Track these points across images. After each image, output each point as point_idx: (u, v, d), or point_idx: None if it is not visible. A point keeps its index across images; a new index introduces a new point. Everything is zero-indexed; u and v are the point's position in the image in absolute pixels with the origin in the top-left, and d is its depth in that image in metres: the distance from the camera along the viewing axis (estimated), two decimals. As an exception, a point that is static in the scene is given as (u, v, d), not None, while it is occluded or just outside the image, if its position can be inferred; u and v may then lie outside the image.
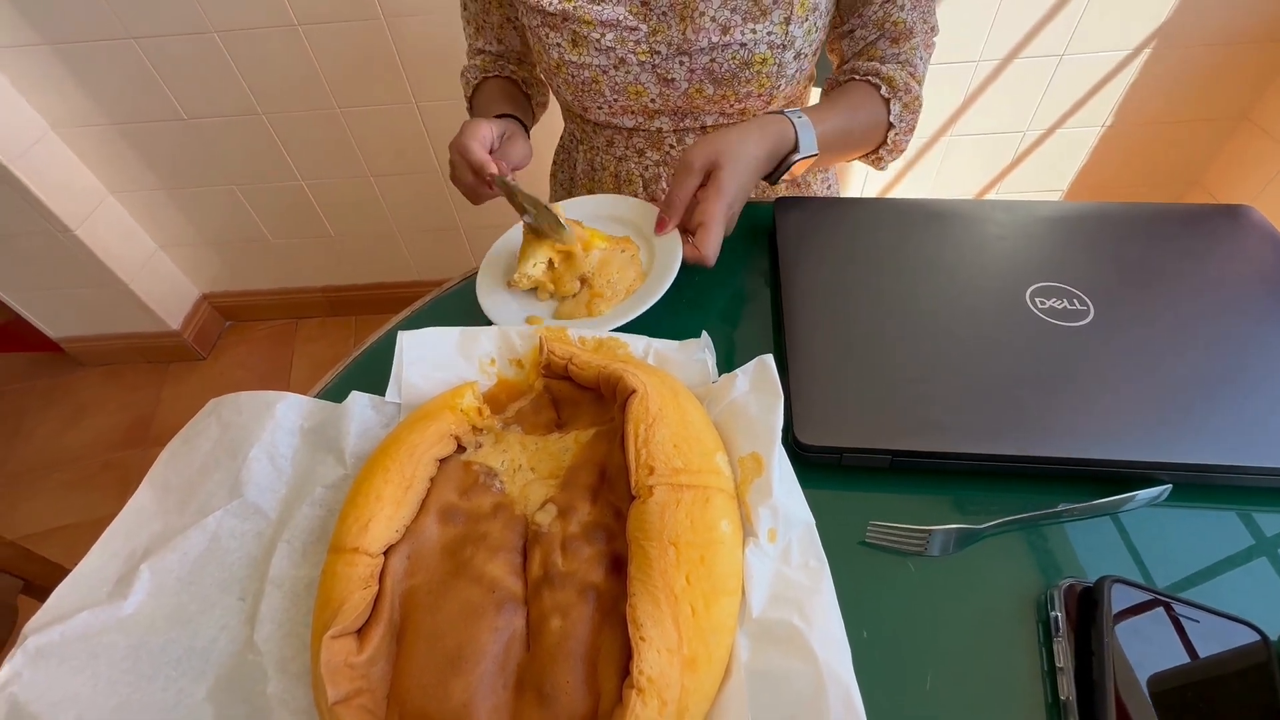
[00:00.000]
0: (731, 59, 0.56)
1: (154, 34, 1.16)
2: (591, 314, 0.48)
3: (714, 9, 0.53)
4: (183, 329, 1.62)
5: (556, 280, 0.51)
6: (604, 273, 0.50)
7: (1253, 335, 0.41)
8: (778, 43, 0.55)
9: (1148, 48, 1.23)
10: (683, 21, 0.54)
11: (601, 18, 0.54)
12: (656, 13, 0.54)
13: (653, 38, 0.55)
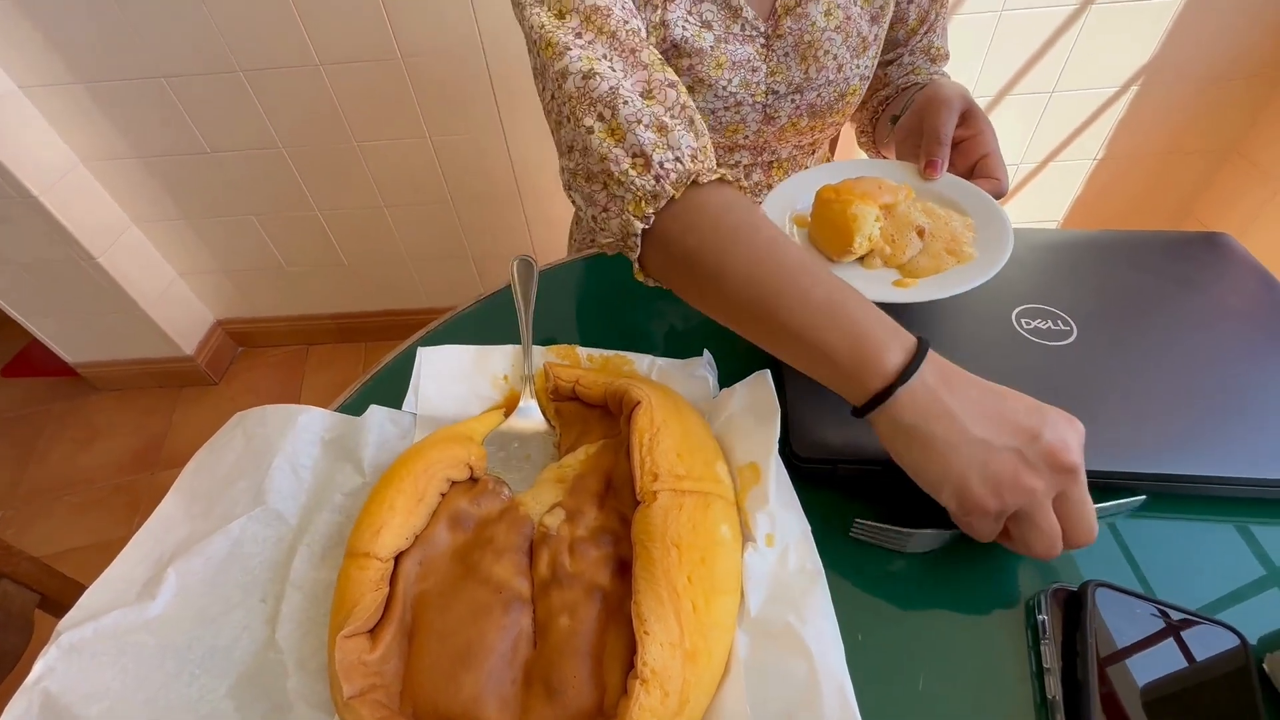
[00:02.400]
0: (833, 92, 0.59)
1: (183, 73, 1.22)
2: (960, 258, 0.44)
3: (835, 47, 0.56)
4: (196, 354, 1.66)
5: (891, 240, 0.46)
6: (937, 219, 0.46)
7: (1226, 354, 0.43)
8: (866, 74, 0.60)
9: (1135, 84, 1.28)
10: (804, 61, 0.57)
11: (734, 58, 0.55)
12: (778, 54, 0.56)
13: (771, 78, 0.58)
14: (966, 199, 0.48)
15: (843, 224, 0.44)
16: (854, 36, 0.56)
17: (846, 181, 0.46)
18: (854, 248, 0.44)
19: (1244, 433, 0.39)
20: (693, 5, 0.54)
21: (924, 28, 0.63)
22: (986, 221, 0.46)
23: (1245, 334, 0.45)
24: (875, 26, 0.57)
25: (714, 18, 0.54)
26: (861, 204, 0.44)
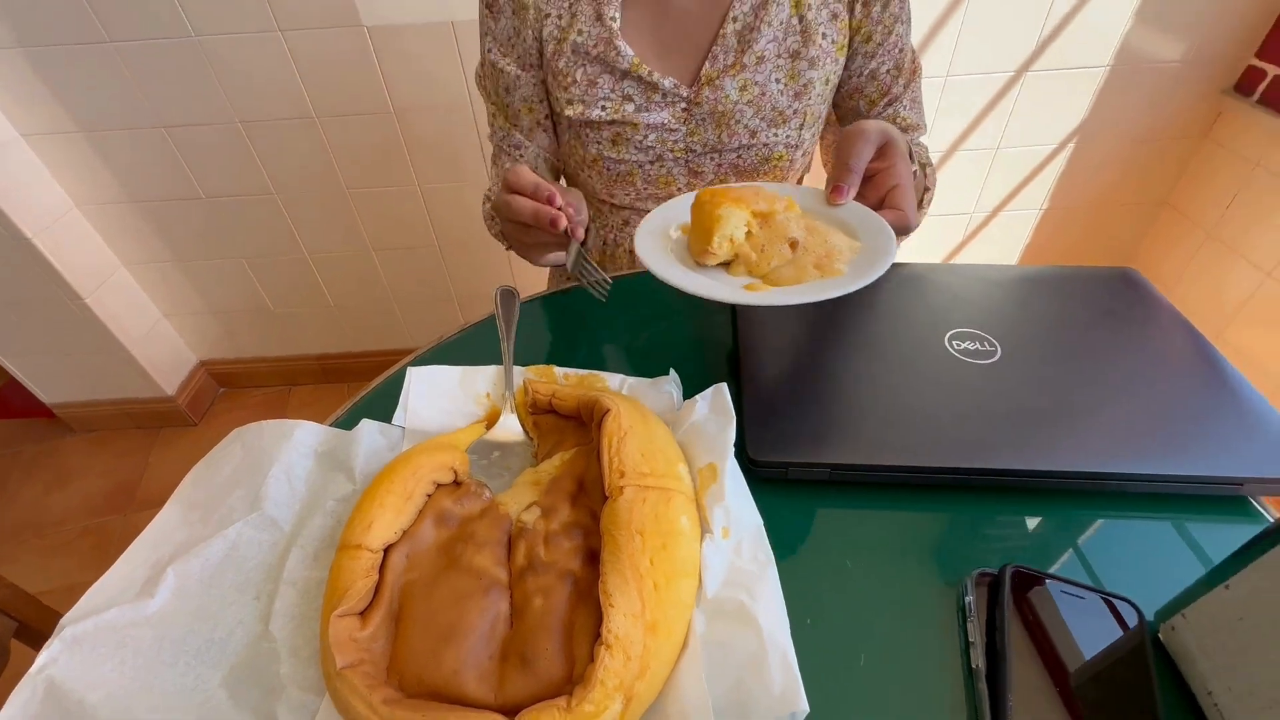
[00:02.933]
0: (755, 156, 0.66)
1: (184, 123, 1.29)
2: (827, 273, 0.44)
3: (747, 118, 0.63)
4: (177, 395, 1.66)
5: (759, 248, 0.46)
6: (816, 235, 0.46)
7: (1128, 368, 0.49)
8: (792, 143, 0.66)
9: (1070, 142, 1.40)
10: (719, 127, 0.64)
11: (648, 122, 0.63)
12: (696, 118, 0.64)
13: (690, 138, 0.65)
14: (863, 225, 0.48)
15: (707, 224, 0.45)
16: (768, 110, 0.63)
17: (726, 187, 0.48)
18: (712, 247, 0.45)
19: (1140, 437, 0.44)
20: (615, 85, 0.62)
21: (885, 101, 0.68)
22: (873, 248, 0.46)
23: (1143, 350, 0.50)
24: (799, 102, 0.63)
25: (635, 92, 0.62)
26: (731, 207, 0.45)
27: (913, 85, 0.69)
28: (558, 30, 0.62)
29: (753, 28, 0.61)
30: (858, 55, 0.66)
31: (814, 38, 0.62)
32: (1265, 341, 1.33)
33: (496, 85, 0.68)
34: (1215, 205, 1.41)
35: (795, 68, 0.62)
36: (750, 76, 0.62)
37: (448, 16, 1.17)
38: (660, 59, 0.62)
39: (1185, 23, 1.24)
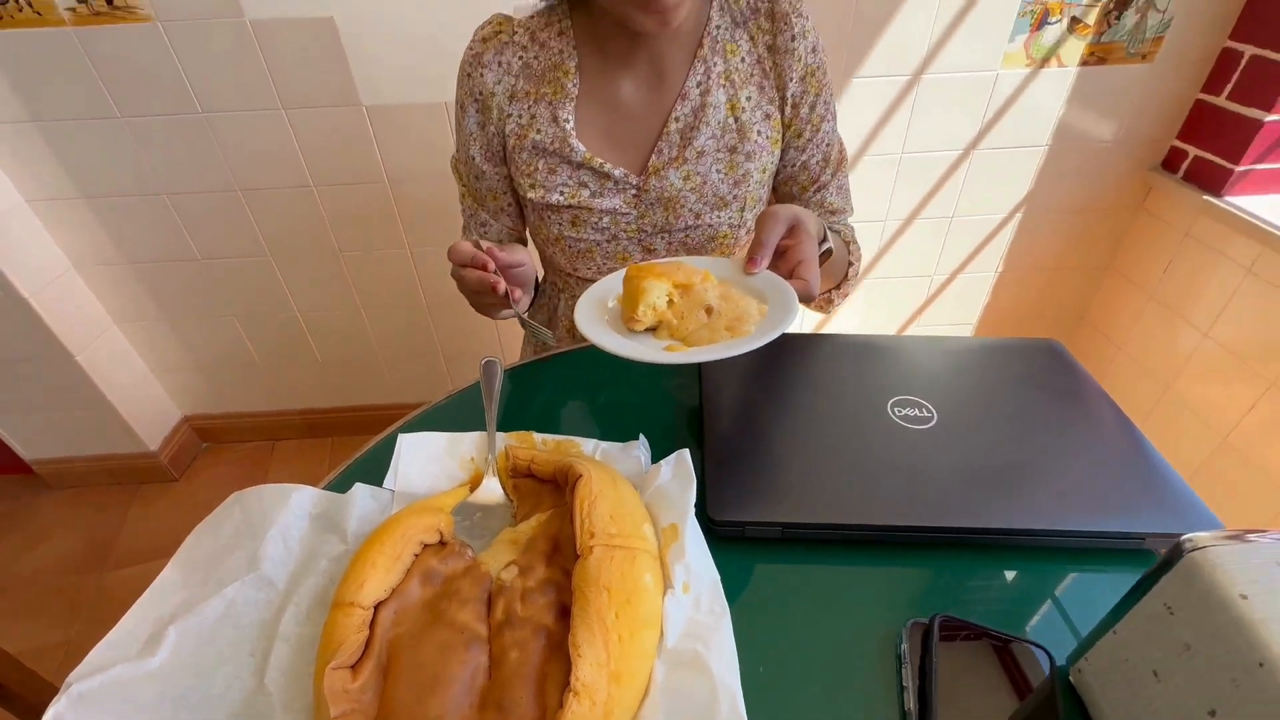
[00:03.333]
0: (701, 235, 0.74)
1: (185, 191, 1.35)
2: (737, 334, 0.50)
3: (691, 203, 0.71)
4: (160, 450, 1.67)
5: (680, 315, 0.52)
6: (730, 301, 0.53)
7: (1049, 433, 0.55)
8: (735, 224, 0.74)
9: (1018, 212, 1.51)
10: (666, 210, 0.71)
11: (602, 207, 0.71)
12: (646, 203, 0.71)
13: (641, 220, 0.72)
14: (772, 292, 0.55)
15: (634, 295, 0.52)
16: (710, 196, 0.70)
17: (653, 263, 0.55)
18: (637, 314, 0.52)
19: (1059, 496, 0.49)
20: (572, 174, 0.69)
21: (815, 188, 0.77)
22: (777, 311, 0.52)
23: (1064, 419, 0.57)
24: (738, 189, 0.71)
25: (589, 180, 0.70)
26: (653, 280, 0.52)
27: (839, 173, 0.77)
28: (518, 128, 0.69)
29: (693, 127, 0.69)
30: (790, 149, 0.74)
31: (749, 134, 0.70)
32: (1209, 394, 1.41)
33: (468, 172, 0.76)
34: (1154, 271, 1.52)
35: (733, 160, 0.70)
36: (692, 168, 0.69)
37: (442, 98, 1.26)
38: (611, 151, 0.70)
39: (1113, 108, 1.38)
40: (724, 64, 0.69)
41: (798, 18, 0.68)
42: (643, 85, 0.69)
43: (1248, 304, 1.31)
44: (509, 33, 0.69)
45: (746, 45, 0.69)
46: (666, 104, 0.69)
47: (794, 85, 0.70)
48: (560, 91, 0.68)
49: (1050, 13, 1.24)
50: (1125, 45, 1.29)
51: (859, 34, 1.25)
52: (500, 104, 0.69)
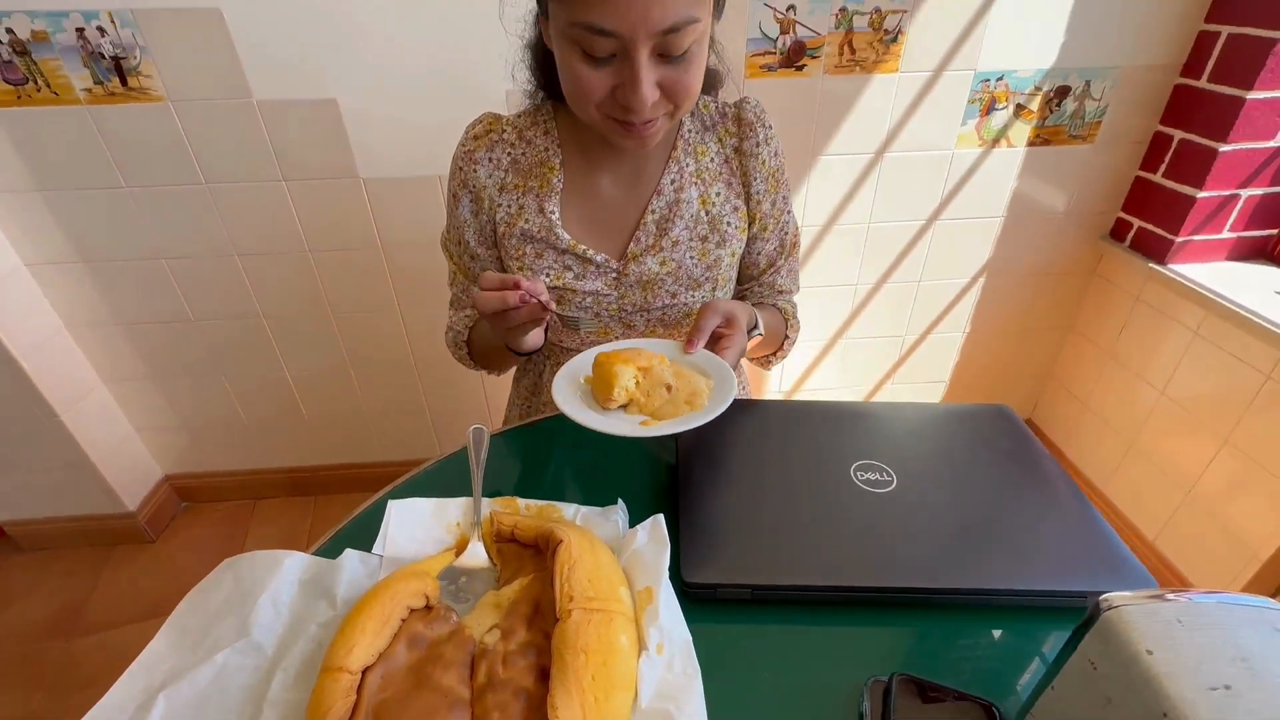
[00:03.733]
0: (677, 313, 0.79)
1: (184, 255, 1.40)
2: (696, 408, 0.59)
3: (668, 285, 0.77)
4: (138, 510, 1.65)
5: (646, 393, 0.60)
6: (683, 379, 0.61)
7: (1000, 496, 0.59)
8: (707, 301, 0.79)
9: (980, 277, 1.60)
10: (645, 291, 0.77)
11: (585, 289, 0.76)
12: (626, 285, 0.77)
13: (621, 300, 0.78)
14: (712, 368, 0.64)
15: (607, 379, 0.59)
16: (685, 279, 0.77)
17: (617, 350, 0.62)
18: (614, 396, 0.59)
19: (1009, 558, 0.53)
20: (557, 258, 0.75)
21: (771, 270, 0.85)
22: (721, 384, 0.62)
23: (1014, 482, 0.61)
24: (711, 272, 0.77)
25: (573, 264, 0.76)
26: (622, 365, 0.59)
27: (791, 257, 0.86)
28: (508, 217, 0.76)
29: (668, 219, 0.76)
30: (753, 238, 0.81)
31: (719, 225, 0.77)
32: (1170, 450, 1.47)
33: (460, 252, 0.81)
34: (1110, 332, 1.60)
35: (705, 247, 0.77)
36: (668, 254, 0.76)
37: (434, 172, 1.34)
38: (593, 239, 0.76)
39: (1061, 183, 1.49)
40: (695, 164, 0.76)
41: (761, 126, 0.76)
42: (622, 181, 0.76)
43: (1198, 364, 1.39)
44: (499, 131, 0.75)
45: (715, 147, 0.77)
46: (643, 198, 0.76)
47: (758, 184, 0.77)
48: (546, 186, 0.74)
49: (997, 100, 1.36)
50: (1067, 129, 1.42)
51: (825, 116, 1.35)
52: (491, 195, 0.75)
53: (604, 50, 0.58)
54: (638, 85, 0.58)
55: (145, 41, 1.16)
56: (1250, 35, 1.22)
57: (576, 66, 0.60)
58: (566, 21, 0.57)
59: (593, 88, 0.60)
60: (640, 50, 0.57)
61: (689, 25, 0.57)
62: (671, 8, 0.55)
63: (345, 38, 1.18)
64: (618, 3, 0.54)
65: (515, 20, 0.73)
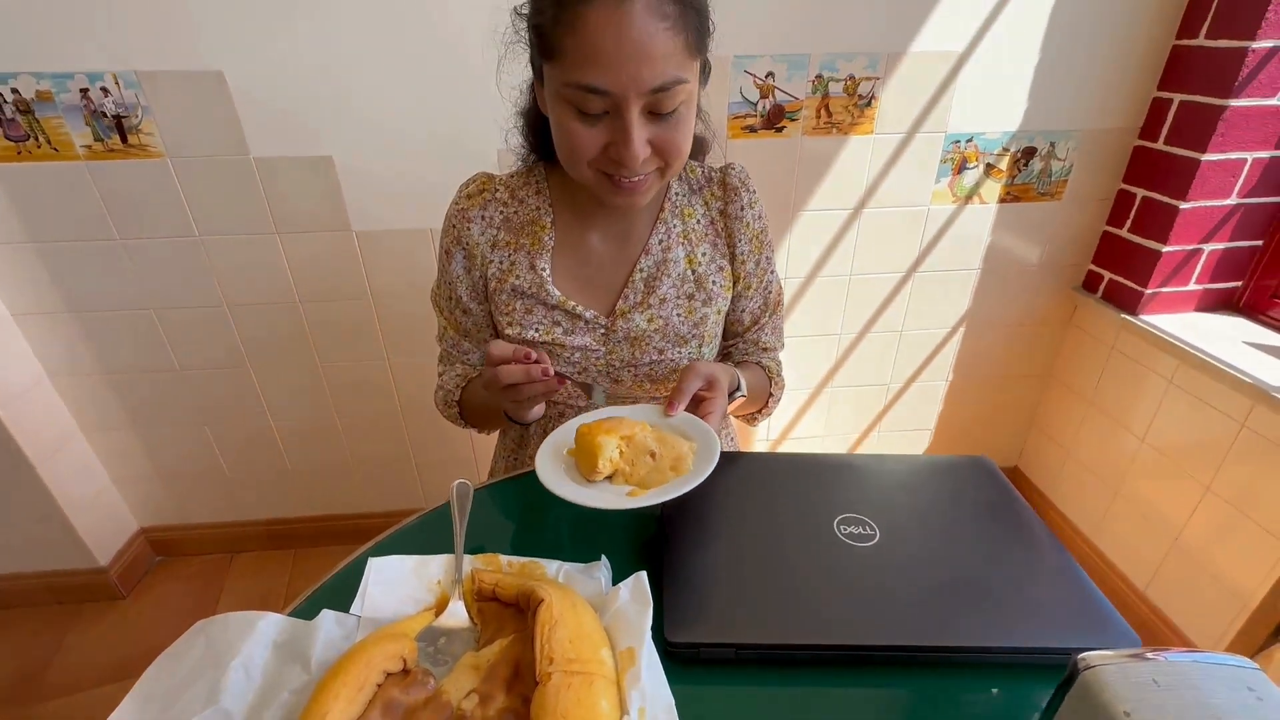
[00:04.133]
0: (664, 369, 0.81)
1: (173, 305, 1.40)
2: (681, 473, 0.59)
3: (655, 341, 0.78)
4: (110, 565, 1.60)
5: (630, 462, 0.60)
6: (666, 444, 0.61)
7: (982, 551, 0.59)
8: (694, 357, 0.81)
9: (960, 326, 1.64)
10: (632, 347, 0.79)
11: (573, 344, 0.78)
12: (614, 341, 0.78)
13: (609, 356, 0.79)
14: (694, 431, 0.64)
15: (591, 451, 0.59)
16: (672, 336, 0.79)
17: (599, 420, 0.62)
18: (600, 468, 0.59)
19: (993, 614, 0.53)
20: (546, 314, 0.77)
21: (755, 328, 0.87)
22: (705, 447, 0.61)
23: (995, 536, 0.61)
24: (697, 330, 0.79)
25: (562, 319, 0.77)
26: (605, 435, 0.59)
27: (775, 315, 0.88)
28: (499, 273, 0.78)
29: (655, 277, 0.78)
30: (737, 296, 0.84)
31: (705, 284, 0.79)
32: (1154, 498, 1.48)
33: (451, 307, 0.82)
34: (1089, 381, 1.63)
35: (691, 305, 0.79)
36: (656, 311, 0.78)
37: (426, 225, 1.37)
38: (582, 295, 0.78)
39: (1033, 237, 1.55)
40: (682, 225, 0.79)
41: (745, 190, 0.80)
42: (611, 240, 0.78)
43: (1175, 412, 1.42)
44: (491, 190, 0.78)
45: (701, 209, 0.80)
46: (632, 257, 0.78)
47: (742, 244, 0.80)
48: (538, 243, 0.77)
49: (968, 159, 1.43)
50: (1035, 186, 1.48)
51: (805, 174, 1.41)
52: (484, 251, 0.78)
53: (597, 108, 0.61)
54: (630, 140, 0.61)
55: (148, 101, 1.19)
56: (1200, 102, 1.30)
57: (571, 125, 0.63)
58: (561, 82, 0.61)
59: (586, 145, 0.63)
60: (631, 108, 0.60)
61: (677, 85, 0.60)
62: (660, 68, 0.59)
63: (343, 98, 1.23)
64: (610, 64, 0.58)
65: (510, 87, 0.77)
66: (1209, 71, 1.28)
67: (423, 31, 1.19)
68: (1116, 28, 1.32)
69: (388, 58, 1.20)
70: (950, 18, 1.28)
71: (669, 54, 0.58)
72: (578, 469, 0.62)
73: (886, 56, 1.30)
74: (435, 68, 1.22)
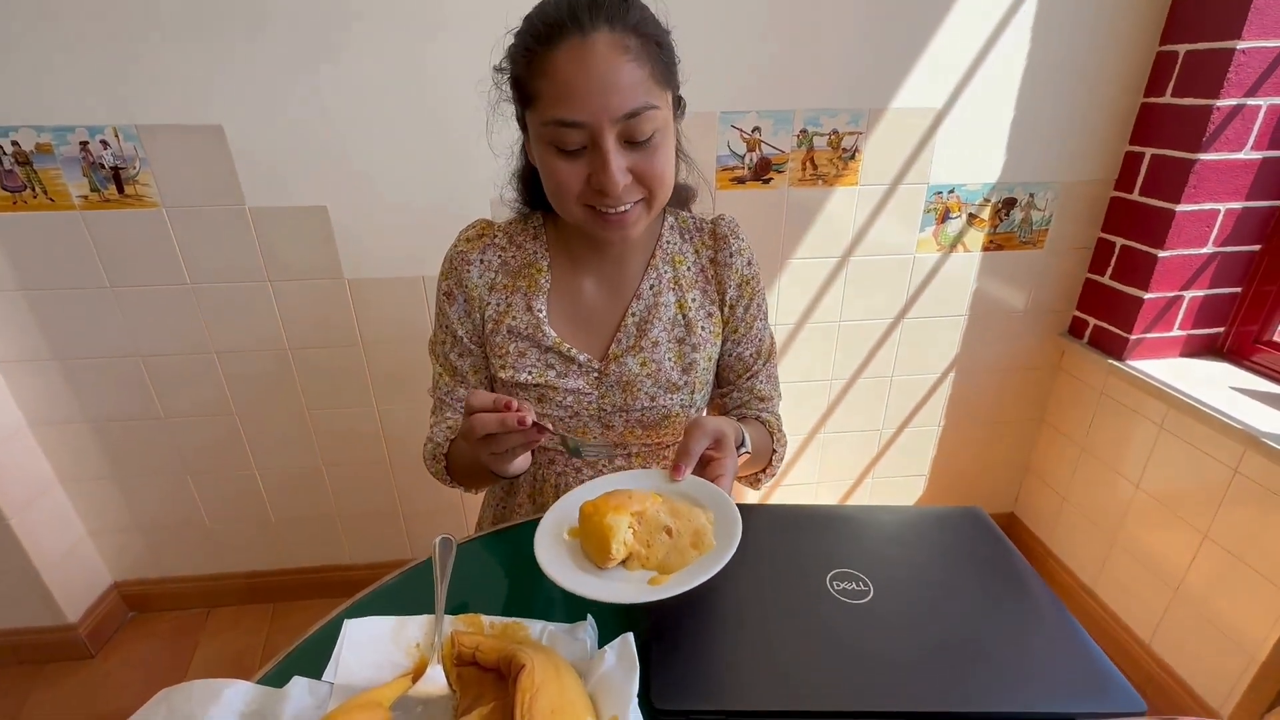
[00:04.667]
0: (656, 415, 0.80)
1: (160, 353, 1.39)
2: (703, 550, 0.53)
3: (647, 386, 0.78)
4: (79, 623, 1.53)
5: (646, 543, 0.54)
6: (681, 516, 0.55)
7: (981, 608, 0.58)
8: (686, 405, 0.81)
9: (951, 372, 1.65)
10: (624, 392, 0.78)
11: (566, 387, 0.77)
12: (606, 385, 0.78)
13: (601, 400, 0.79)
14: (706, 497, 0.59)
15: (601, 534, 0.52)
16: (663, 381, 0.79)
17: (603, 496, 0.56)
18: (613, 554, 0.52)
19: (991, 677, 0.51)
20: (540, 357, 0.77)
21: (748, 375, 0.87)
22: (723, 515, 0.56)
23: (991, 592, 0.60)
24: (688, 375, 0.80)
25: (556, 362, 0.77)
26: (614, 515, 0.53)
27: (769, 364, 0.88)
28: (496, 314, 0.78)
29: (648, 320, 0.79)
30: (728, 342, 0.84)
31: (695, 329, 0.80)
32: (1152, 546, 1.46)
33: (448, 350, 0.82)
34: (1080, 426, 1.64)
35: (681, 350, 0.80)
36: (648, 355, 0.78)
37: (419, 273, 1.38)
38: (576, 338, 0.79)
39: (1018, 284, 1.57)
40: (673, 271, 0.81)
41: (735, 239, 0.81)
42: (604, 285, 0.80)
43: (1167, 458, 1.41)
44: (490, 235, 0.79)
45: (692, 256, 0.82)
46: (624, 301, 0.80)
47: (732, 291, 0.81)
48: (534, 286, 0.78)
49: (950, 210, 1.47)
50: (1017, 235, 1.52)
51: (792, 224, 1.44)
52: (481, 294, 0.78)
53: (575, 142, 0.63)
54: (608, 166, 0.63)
55: (146, 153, 1.22)
56: (1171, 156, 1.34)
57: (553, 163, 0.65)
58: (540, 123, 0.64)
59: (570, 180, 0.66)
60: (606, 136, 0.62)
61: (647, 111, 0.63)
62: (629, 95, 0.61)
63: (339, 151, 1.26)
64: (580, 96, 0.61)
65: (501, 146, 0.79)
66: (1177, 127, 1.33)
67: (416, 89, 1.23)
68: (1086, 86, 1.38)
69: (383, 112, 1.24)
70: (928, 76, 1.34)
71: (635, 83, 0.62)
72: (584, 552, 0.56)
73: (868, 112, 1.35)
74: (428, 123, 1.26)
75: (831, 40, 1.28)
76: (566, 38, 0.60)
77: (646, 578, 0.53)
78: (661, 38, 0.66)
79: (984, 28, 1.31)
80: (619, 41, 0.61)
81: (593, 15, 0.60)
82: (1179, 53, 1.31)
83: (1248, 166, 1.32)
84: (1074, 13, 1.31)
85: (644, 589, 0.52)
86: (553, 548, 0.56)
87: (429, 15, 1.18)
